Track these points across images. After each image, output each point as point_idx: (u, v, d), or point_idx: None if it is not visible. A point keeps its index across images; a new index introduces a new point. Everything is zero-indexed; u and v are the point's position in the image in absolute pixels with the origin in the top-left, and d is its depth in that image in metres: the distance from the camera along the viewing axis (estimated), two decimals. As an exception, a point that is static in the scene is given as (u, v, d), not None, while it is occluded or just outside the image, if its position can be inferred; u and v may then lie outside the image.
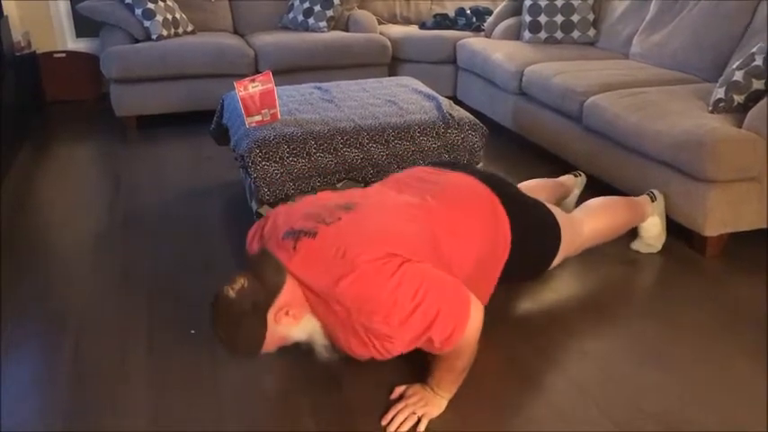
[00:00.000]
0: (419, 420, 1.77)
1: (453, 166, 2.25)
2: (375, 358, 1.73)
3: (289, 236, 1.79)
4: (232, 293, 1.66)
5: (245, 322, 1.67)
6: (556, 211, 2.27)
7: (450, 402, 1.83)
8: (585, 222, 2.39)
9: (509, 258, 2.06)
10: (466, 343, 1.72)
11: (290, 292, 1.71)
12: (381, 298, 1.63)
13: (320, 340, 1.78)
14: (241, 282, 1.68)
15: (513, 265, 2.07)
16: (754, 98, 2.67)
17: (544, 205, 2.26)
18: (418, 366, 1.87)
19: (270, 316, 1.69)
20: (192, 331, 2.20)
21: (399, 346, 1.68)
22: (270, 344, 1.74)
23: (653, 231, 2.68)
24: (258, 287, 1.68)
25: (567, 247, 2.27)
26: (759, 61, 2.66)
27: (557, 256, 2.25)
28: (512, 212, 2.06)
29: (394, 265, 1.67)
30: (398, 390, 1.88)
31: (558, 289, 2.45)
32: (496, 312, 2.31)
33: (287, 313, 1.71)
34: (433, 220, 1.90)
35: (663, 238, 2.71)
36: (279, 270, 1.71)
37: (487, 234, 2.00)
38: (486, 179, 2.13)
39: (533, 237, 2.15)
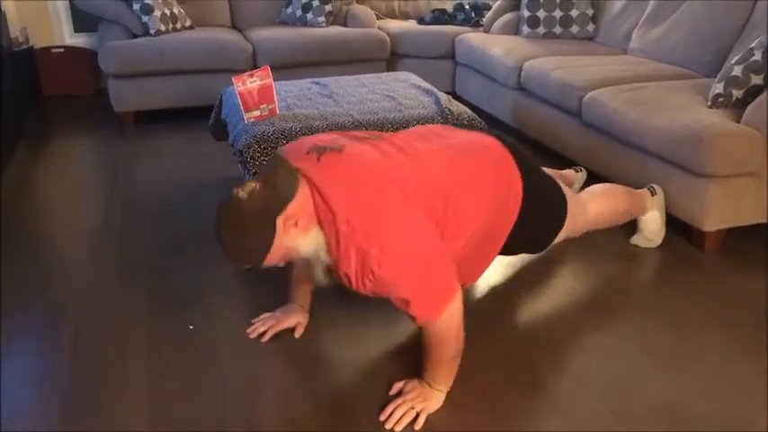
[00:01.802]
0: (418, 415, 1.77)
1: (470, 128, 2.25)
2: (352, 285, 1.70)
3: (313, 150, 1.76)
4: (242, 194, 1.61)
5: (254, 225, 1.62)
6: (563, 186, 2.28)
7: (449, 398, 1.83)
8: (589, 204, 2.40)
9: (517, 221, 2.04)
10: (446, 327, 1.73)
11: (301, 201, 1.67)
12: (388, 238, 1.63)
13: (324, 257, 1.72)
14: (253, 185, 1.63)
15: (519, 231, 2.06)
16: (753, 93, 2.67)
17: (554, 179, 2.26)
18: (417, 362, 1.87)
19: (279, 223, 1.64)
20: (191, 327, 2.20)
21: (374, 288, 1.67)
22: (275, 254, 1.68)
23: (653, 226, 2.68)
24: (270, 192, 1.63)
25: (571, 223, 2.26)
26: (758, 56, 2.66)
27: (561, 231, 2.25)
28: (525, 175, 2.05)
29: (413, 218, 1.69)
30: (397, 385, 1.88)
31: (558, 284, 2.46)
32: (496, 308, 2.31)
33: (296, 224, 1.66)
34: (451, 170, 1.88)
35: (662, 233, 2.71)
36: (293, 177, 1.67)
37: (500, 192, 1.98)
38: (504, 140, 2.11)
39: (542, 204, 2.14)
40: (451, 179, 1.86)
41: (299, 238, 1.68)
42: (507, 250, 2.14)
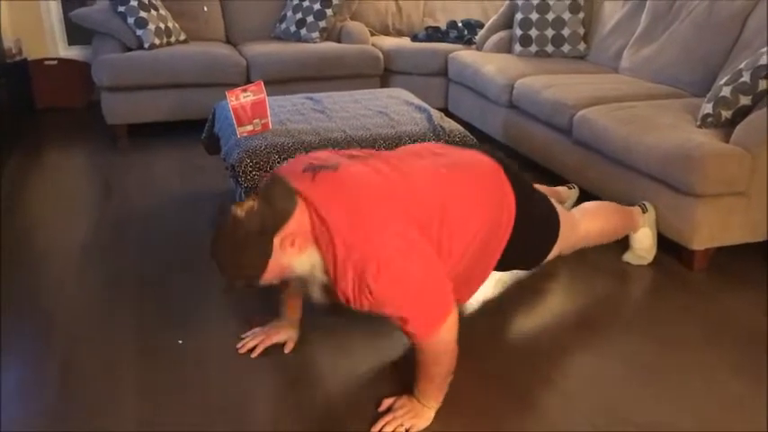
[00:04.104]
0: (407, 432, 1.77)
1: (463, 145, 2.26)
2: (350, 303, 1.70)
3: (309, 169, 1.77)
4: (240, 212, 1.62)
5: (251, 243, 1.63)
6: (555, 203, 2.30)
7: (439, 415, 1.83)
8: (581, 222, 2.42)
9: (510, 238, 2.05)
10: (441, 345, 1.73)
11: (298, 220, 1.67)
12: (384, 257, 1.63)
13: (319, 276, 1.73)
14: (251, 203, 1.64)
15: (512, 249, 2.07)
16: (742, 114, 2.70)
17: (547, 196, 2.28)
18: (407, 379, 1.87)
19: (276, 242, 1.65)
20: (180, 342, 2.19)
21: (373, 304, 1.67)
22: (271, 272, 1.68)
23: (644, 243, 2.70)
24: (268, 210, 1.64)
25: (563, 241, 2.28)
26: (746, 77, 2.69)
27: (553, 249, 2.26)
28: (518, 192, 2.06)
29: (410, 236, 1.70)
30: (386, 402, 1.87)
31: (548, 301, 2.46)
32: (486, 325, 2.31)
33: (292, 243, 1.67)
34: (445, 187, 1.89)
35: (654, 250, 2.72)
36: (290, 195, 1.68)
37: (494, 208, 1.99)
38: (496, 158, 2.13)
39: (535, 221, 2.15)
40: (445, 197, 1.87)
41: (295, 257, 1.69)
42: (500, 266, 2.15)
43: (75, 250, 2.83)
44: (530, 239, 2.15)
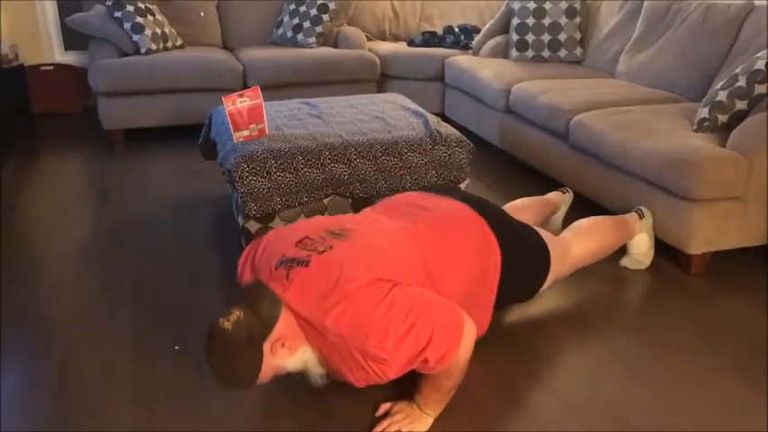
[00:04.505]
0: (404, 438, 1.76)
1: (443, 191, 2.26)
2: (373, 383, 1.72)
3: (281, 265, 1.78)
4: (227, 325, 1.64)
5: (241, 354, 1.65)
6: (544, 234, 2.29)
7: (435, 419, 1.82)
8: (574, 244, 2.40)
9: (500, 283, 2.07)
10: (458, 362, 1.72)
11: (285, 323, 1.70)
12: (374, 322, 1.63)
13: (315, 369, 1.77)
14: (237, 314, 1.66)
15: (504, 290, 2.08)
16: (738, 118, 2.71)
17: (533, 229, 2.27)
18: (404, 383, 1.87)
19: (266, 347, 1.68)
20: (177, 347, 2.18)
21: (396, 369, 1.67)
22: (265, 375, 1.72)
23: (641, 248, 2.70)
24: (254, 319, 1.67)
25: (556, 270, 2.28)
26: (742, 82, 2.70)
27: (546, 280, 2.26)
28: (502, 238, 2.08)
29: (384, 289, 1.67)
30: (384, 407, 1.87)
31: (545, 305, 2.46)
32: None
33: (283, 345, 1.70)
34: (424, 245, 1.91)
35: (651, 255, 2.72)
36: (274, 302, 1.71)
37: (478, 260, 2.01)
38: (476, 204, 2.14)
39: (523, 261, 2.16)
40: (426, 255, 1.88)
41: (287, 357, 1.73)
42: (496, 305, 2.14)
43: (72, 255, 2.82)
44: (520, 278, 2.16)
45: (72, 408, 1.90)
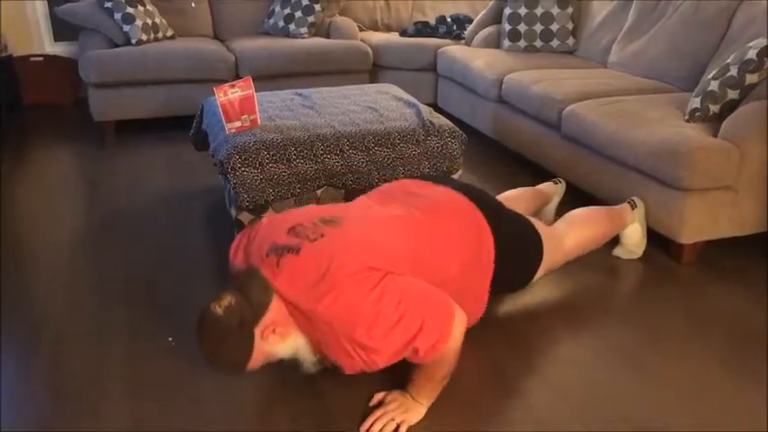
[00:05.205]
0: (398, 427, 1.77)
1: (438, 179, 2.26)
2: (363, 371, 1.73)
3: (272, 252, 1.78)
4: (219, 310, 1.65)
5: (232, 339, 1.66)
6: (537, 224, 2.29)
7: (429, 408, 1.83)
8: (567, 235, 2.41)
9: (494, 269, 2.07)
10: (448, 352, 1.73)
11: (276, 309, 1.71)
12: (363, 311, 1.64)
13: (307, 356, 1.78)
14: (228, 299, 1.67)
15: (497, 278, 2.09)
16: (729, 108, 2.72)
17: (526, 219, 2.28)
18: (398, 373, 1.87)
19: (257, 333, 1.69)
20: (170, 339, 2.18)
21: (385, 357, 1.68)
22: (255, 361, 1.73)
23: (634, 238, 2.71)
24: (245, 304, 1.67)
25: (549, 260, 2.28)
26: (734, 71, 2.70)
27: (539, 269, 2.27)
28: (495, 226, 2.08)
29: (375, 278, 1.68)
30: (378, 396, 1.88)
31: (539, 295, 2.47)
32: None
33: (274, 331, 1.70)
34: (417, 233, 1.91)
35: (643, 245, 2.74)
36: (266, 288, 1.71)
37: (472, 247, 2.02)
38: (470, 193, 2.15)
39: (516, 250, 2.17)
40: (417, 243, 1.88)
41: (278, 344, 1.73)
42: (489, 292, 2.14)
43: (62, 249, 2.81)
44: (513, 267, 2.17)
45: (66, 401, 1.90)
